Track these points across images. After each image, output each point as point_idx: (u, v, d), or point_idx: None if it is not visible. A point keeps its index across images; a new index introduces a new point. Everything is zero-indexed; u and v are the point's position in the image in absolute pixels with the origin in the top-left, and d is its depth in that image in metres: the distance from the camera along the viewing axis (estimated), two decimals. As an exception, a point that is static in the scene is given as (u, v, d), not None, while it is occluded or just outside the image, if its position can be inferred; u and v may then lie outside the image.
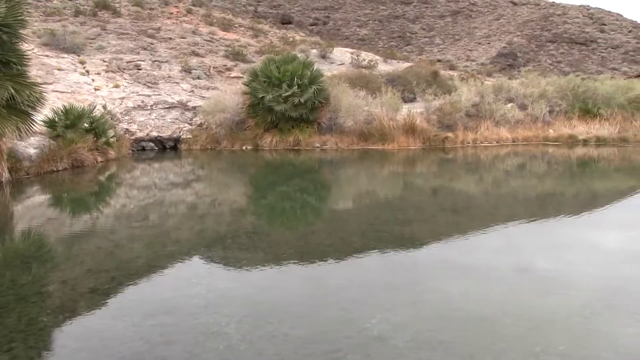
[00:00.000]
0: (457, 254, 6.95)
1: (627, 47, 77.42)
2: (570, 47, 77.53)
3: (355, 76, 21.46)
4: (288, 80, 17.00)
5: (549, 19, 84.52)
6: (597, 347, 4.32)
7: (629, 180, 13.29)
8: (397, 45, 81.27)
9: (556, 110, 20.07)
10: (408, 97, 21.10)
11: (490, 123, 18.22)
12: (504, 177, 13.34)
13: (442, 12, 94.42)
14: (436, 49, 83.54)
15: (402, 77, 23.12)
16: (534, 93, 20.06)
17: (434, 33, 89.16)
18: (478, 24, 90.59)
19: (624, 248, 7.39)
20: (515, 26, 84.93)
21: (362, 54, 32.02)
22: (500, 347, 4.30)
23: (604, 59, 74.99)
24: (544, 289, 5.60)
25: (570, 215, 9.31)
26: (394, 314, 4.86)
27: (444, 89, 20.47)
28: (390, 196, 11.29)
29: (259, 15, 76.00)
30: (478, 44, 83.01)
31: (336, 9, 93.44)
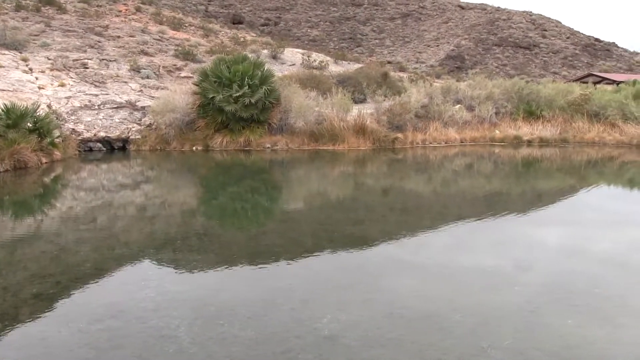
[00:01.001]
0: (407, 252, 7.06)
1: (566, 52, 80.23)
2: (515, 51, 79.76)
3: (306, 77, 21.50)
4: (239, 80, 16.89)
5: (495, 24, 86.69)
6: (540, 340, 4.46)
7: (570, 179, 13.76)
8: (348, 47, 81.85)
9: (502, 111, 20.61)
10: (358, 98, 21.27)
11: (438, 124, 18.56)
12: (452, 177, 13.61)
13: (393, 14, 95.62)
14: (386, 50, 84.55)
15: (352, 78, 23.29)
16: (481, 95, 20.55)
17: (384, 35, 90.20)
18: (427, 27, 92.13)
19: (566, 243, 7.66)
20: (463, 30, 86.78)
21: (313, 55, 32.11)
22: (449, 343, 4.39)
23: (546, 63, 77.45)
24: (491, 285, 5.75)
25: (516, 214, 9.57)
26: (344, 313, 4.90)
27: (393, 90, 20.72)
28: (341, 196, 11.36)
29: (210, 15, 75.26)
30: (427, 47, 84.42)
31: (287, 10, 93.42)
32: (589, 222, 9.10)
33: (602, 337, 4.56)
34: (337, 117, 17.11)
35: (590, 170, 15.14)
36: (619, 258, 6.89)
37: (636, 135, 18.83)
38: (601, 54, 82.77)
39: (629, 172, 14.91)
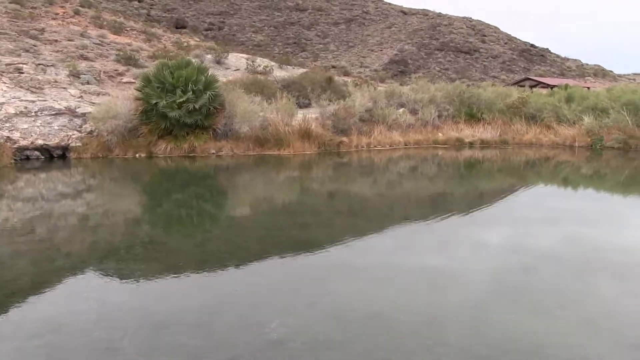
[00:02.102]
0: (354, 255, 7.13)
1: (504, 57, 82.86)
2: (456, 55, 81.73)
3: (250, 82, 21.41)
4: (182, 85, 16.67)
5: (437, 29, 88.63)
6: (483, 335, 4.60)
7: (510, 179, 14.21)
8: (292, 52, 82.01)
9: (444, 114, 21.06)
10: (303, 103, 21.33)
11: (383, 127, 18.80)
12: (397, 179, 13.82)
13: (337, 19, 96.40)
14: (331, 55, 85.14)
15: (297, 83, 23.34)
16: (424, 98, 20.95)
17: (328, 40, 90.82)
18: (371, 32, 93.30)
19: (507, 242, 7.90)
20: (406, 34, 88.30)
21: (258, 60, 32.03)
22: (396, 343, 4.47)
23: (485, 67, 79.71)
24: (436, 285, 5.88)
25: (459, 214, 9.80)
26: (292, 317, 4.91)
27: (338, 94, 20.88)
28: (288, 201, 11.37)
29: (152, 19, 73.96)
30: (371, 51, 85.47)
31: (231, 15, 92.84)
32: (528, 220, 9.41)
33: (540, 329, 4.74)
34: (282, 122, 17.11)
35: (529, 171, 15.66)
36: (556, 253, 7.17)
37: (569, 136, 19.59)
38: (536, 59, 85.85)
39: (564, 171, 15.50)
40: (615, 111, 19.60)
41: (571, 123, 20.39)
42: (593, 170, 15.78)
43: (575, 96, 22.23)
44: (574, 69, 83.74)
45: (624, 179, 14.21)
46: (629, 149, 18.49)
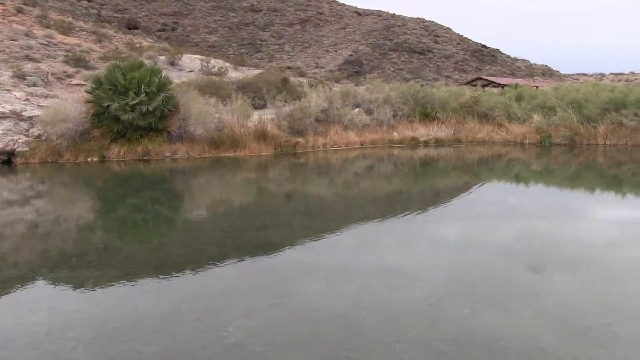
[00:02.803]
0: (313, 255, 7.13)
1: (457, 57, 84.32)
2: (410, 55, 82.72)
3: (205, 83, 21.19)
4: (135, 88, 16.37)
5: (391, 29, 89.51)
6: (441, 330, 4.67)
7: (465, 177, 14.46)
8: (247, 52, 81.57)
9: (399, 114, 21.28)
10: (259, 104, 21.23)
11: (339, 127, 18.87)
12: (354, 179, 13.89)
13: (292, 20, 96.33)
14: (286, 56, 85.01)
15: (252, 84, 23.22)
16: (379, 98, 21.13)
17: (283, 40, 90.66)
18: (326, 33, 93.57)
19: (463, 238, 8.04)
20: (361, 35, 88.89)
21: (212, 61, 31.73)
22: (356, 340, 4.48)
23: (439, 67, 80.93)
24: (395, 283, 5.93)
25: (416, 212, 9.92)
26: (251, 320, 4.88)
27: (293, 95, 20.87)
28: (245, 203, 11.30)
29: (103, 19, 72.41)
30: (326, 52, 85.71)
31: (185, 15, 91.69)
32: (483, 216, 9.60)
33: (496, 322, 4.84)
34: (237, 124, 16.99)
35: (483, 168, 15.97)
36: (510, 248, 7.34)
37: (520, 134, 20.07)
38: (488, 59, 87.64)
39: (515, 168, 15.87)
40: (561, 109, 20.18)
41: (521, 121, 20.90)
42: (543, 166, 16.20)
43: (525, 95, 22.80)
44: (524, 69, 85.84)
45: (571, 174, 14.65)
46: (575, 145, 19.06)
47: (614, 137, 18.88)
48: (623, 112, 19.11)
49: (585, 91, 21.08)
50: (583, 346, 4.42)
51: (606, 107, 19.53)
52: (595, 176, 14.30)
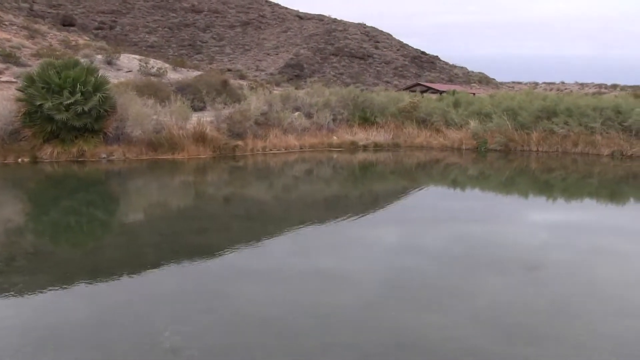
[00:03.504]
0: (251, 259, 7.13)
1: (397, 63, 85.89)
2: (351, 60, 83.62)
3: (143, 84, 20.76)
4: (70, 87, 15.85)
5: (332, 34, 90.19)
6: (376, 333, 4.77)
7: (403, 181, 14.74)
8: (187, 54, 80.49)
9: (339, 118, 21.44)
10: (198, 106, 20.97)
11: (278, 131, 18.84)
12: (293, 182, 13.93)
13: (233, 22, 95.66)
14: (227, 58, 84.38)
15: (192, 86, 22.92)
16: (319, 102, 21.23)
17: (224, 43, 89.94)
18: (267, 36, 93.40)
19: (401, 241, 8.21)
20: (302, 39, 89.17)
21: (151, 62, 31.19)
22: (291, 344, 4.52)
23: (379, 72, 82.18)
24: (329, 286, 6.00)
25: (354, 216, 10.04)
26: (186, 325, 4.83)
27: (233, 98, 20.70)
28: (183, 206, 11.15)
29: (36, 14, 69.90)
30: (267, 55, 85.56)
31: (124, 14, 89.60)
32: (420, 220, 9.82)
33: (428, 324, 4.98)
34: (176, 126, 16.73)
35: (420, 172, 16.33)
36: (446, 251, 7.54)
37: (457, 139, 20.58)
38: (427, 65, 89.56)
39: (452, 173, 16.30)
40: (497, 116, 20.82)
41: (458, 127, 21.43)
42: (479, 171, 16.70)
43: (462, 101, 23.38)
44: (461, 76, 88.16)
45: (505, 180, 15.16)
46: (510, 151, 19.73)
47: (546, 144, 19.64)
48: (554, 120, 19.91)
49: (520, 99, 21.83)
50: (511, 345, 4.60)
51: (539, 115, 20.29)
52: (528, 181, 14.85)
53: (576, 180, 15.05)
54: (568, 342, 4.68)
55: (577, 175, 15.72)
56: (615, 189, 13.70)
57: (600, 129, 19.09)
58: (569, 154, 18.79)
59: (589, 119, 19.39)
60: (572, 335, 4.83)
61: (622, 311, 5.42)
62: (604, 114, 19.41)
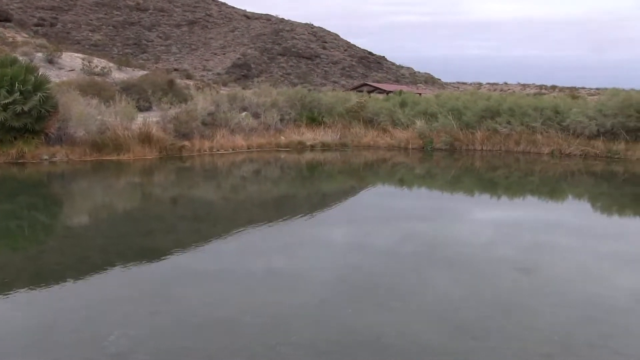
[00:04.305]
0: (199, 260, 7.05)
1: (344, 63, 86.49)
2: (298, 60, 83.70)
3: (87, 83, 20.25)
4: (7, 86, 15.30)
5: (279, 34, 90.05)
6: (325, 331, 4.80)
7: (351, 181, 14.87)
8: (132, 53, 78.83)
9: (286, 118, 21.42)
10: (144, 106, 20.60)
11: (226, 131, 18.67)
12: (241, 183, 13.85)
13: (179, 21, 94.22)
14: (173, 57, 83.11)
15: (137, 86, 22.50)
16: (267, 102, 21.16)
17: (170, 42, 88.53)
18: (214, 35, 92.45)
19: (349, 241, 8.27)
20: (249, 39, 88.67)
21: (95, 61, 30.43)
22: (240, 344, 4.50)
23: (326, 72, 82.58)
24: (280, 286, 6.00)
25: (303, 216, 10.07)
26: (133, 328, 4.74)
27: (180, 97, 20.42)
28: (129, 208, 10.93)
29: (-32, 10, 66.94)
30: (214, 55, 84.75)
31: (65, 10, 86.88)
32: (368, 219, 9.92)
33: (378, 321, 5.03)
34: (121, 126, 16.36)
35: (368, 172, 16.50)
36: (392, 250, 7.66)
37: (403, 139, 20.90)
38: (374, 66, 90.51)
39: (399, 172, 16.55)
40: (442, 116, 21.25)
41: (405, 126, 21.75)
42: (425, 170, 17.01)
43: (409, 101, 23.75)
44: (408, 76, 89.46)
45: (451, 178, 15.49)
46: (455, 150, 20.16)
47: (489, 143, 20.16)
48: (497, 119, 20.47)
49: (465, 99, 22.34)
50: (458, 340, 4.71)
51: (483, 114, 20.82)
52: (473, 180, 15.21)
53: (519, 178, 15.51)
54: (511, 334, 4.82)
55: (520, 174, 16.20)
56: (555, 187, 14.20)
57: (541, 129, 19.75)
58: (512, 152, 19.35)
59: (530, 118, 20.03)
60: (515, 327, 4.99)
61: (563, 303, 5.63)
62: (544, 114, 20.09)
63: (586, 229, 9.71)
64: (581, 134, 19.21)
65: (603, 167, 16.83)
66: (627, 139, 18.45)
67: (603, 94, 22.79)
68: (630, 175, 15.67)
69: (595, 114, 19.20)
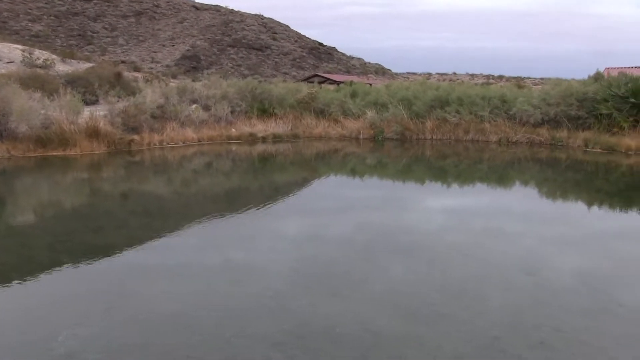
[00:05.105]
0: (152, 255, 6.96)
1: (295, 54, 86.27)
2: (249, 52, 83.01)
3: (28, 76, 19.58)
4: (-57, 80, 14.71)
5: (229, 25, 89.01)
6: (281, 322, 4.82)
7: (303, 172, 14.89)
8: (77, 44, 76.61)
9: (237, 110, 21.24)
10: (90, 100, 20.08)
11: (175, 124, 18.38)
12: (192, 176, 13.69)
13: (125, 11, 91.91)
14: (120, 49, 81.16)
15: (83, 78, 21.90)
16: (217, 95, 20.92)
17: (117, 33, 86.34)
18: (162, 26, 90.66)
19: (302, 232, 8.30)
20: (198, 30, 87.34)
21: (36, 52, 29.44)
22: (196, 339, 4.46)
23: (277, 64, 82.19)
24: (235, 279, 5.97)
25: (256, 208, 10.03)
26: (84, 327, 4.65)
27: (128, 90, 19.99)
28: (78, 204, 10.66)
29: None
30: (162, 46, 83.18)
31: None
32: (320, 210, 9.96)
33: (332, 310, 5.09)
34: (66, 120, 15.89)
35: (320, 163, 16.54)
36: (346, 240, 7.72)
37: (355, 129, 21.04)
38: (324, 56, 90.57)
39: (351, 162, 16.66)
40: (393, 106, 21.48)
41: (356, 117, 21.89)
42: (377, 160, 17.17)
43: (359, 92, 23.90)
44: (358, 67, 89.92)
45: (402, 167, 15.70)
46: (406, 139, 20.42)
47: (439, 132, 20.51)
48: (447, 109, 20.84)
49: (414, 89, 22.63)
50: (410, 325, 4.80)
51: (432, 104, 21.16)
52: (424, 169, 15.46)
53: (468, 166, 15.84)
54: (461, 319, 4.94)
55: (469, 161, 16.55)
56: (502, 174, 14.58)
57: (489, 117, 20.21)
58: (461, 141, 19.74)
59: (478, 107, 20.47)
60: (464, 312, 5.11)
61: (511, 286, 5.80)
62: (491, 103, 20.56)
63: (532, 214, 10.00)
64: (527, 122, 19.75)
65: (547, 154, 17.36)
66: (569, 127, 19.07)
67: (547, 83, 23.45)
68: (572, 161, 16.20)
69: (539, 103, 19.77)
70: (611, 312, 5.18)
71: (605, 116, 18.59)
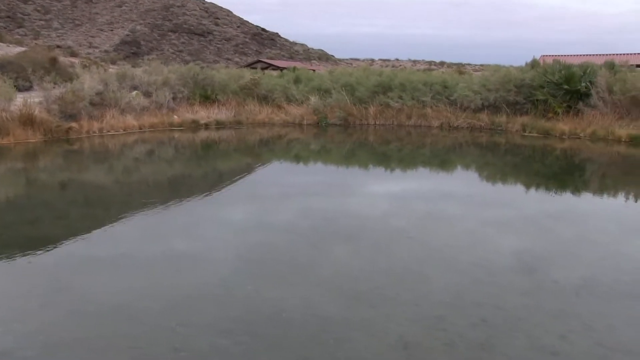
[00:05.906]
0: (94, 247, 6.77)
1: (237, 40, 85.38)
2: (190, 37, 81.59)
3: (-45, 62, 18.64)
4: None
5: (170, 10, 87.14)
6: (227, 309, 4.79)
7: (247, 158, 14.79)
8: (6, 27, 73.39)
9: (179, 97, 20.88)
10: (23, 86, 19.32)
11: (115, 111, 17.90)
12: (134, 164, 13.38)
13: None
14: (55, 33, 78.32)
15: (14, 63, 21.01)
16: (158, 81, 20.48)
17: (51, 16, 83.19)
18: (100, 10, 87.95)
19: (247, 218, 8.25)
20: (138, 14, 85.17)
21: (-37, 37, 27.99)
22: (139, 330, 4.40)
23: (219, 49, 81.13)
24: (180, 268, 5.89)
25: (200, 195, 9.91)
26: (21, 324, 4.49)
27: (64, 76, 19.31)
28: (13, 195, 10.24)
29: None
30: (100, 31, 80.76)
31: None
32: (266, 196, 9.92)
33: (279, 296, 5.09)
34: (-2, 108, 15.26)
35: (264, 149, 16.46)
36: (291, 226, 7.73)
37: (298, 115, 21.04)
38: (267, 42, 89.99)
39: (295, 148, 16.65)
40: (336, 91, 21.58)
41: (299, 103, 21.89)
42: (320, 145, 17.22)
43: (303, 78, 23.88)
44: (301, 53, 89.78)
45: (346, 153, 15.81)
46: (349, 125, 20.56)
47: (382, 117, 20.75)
48: (389, 94, 21.09)
49: (357, 75, 22.79)
50: (356, 308, 4.85)
51: (375, 90, 21.37)
52: (367, 154, 15.60)
53: (411, 151, 16.09)
54: (405, 301, 5.03)
55: (412, 146, 16.81)
56: (444, 158, 14.88)
57: (431, 103, 20.57)
58: (404, 126, 20.03)
59: (421, 93, 20.81)
60: (409, 293, 5.21)
61: (453, 268, 5.94)
62: (433, 88, 20.92)
63: (473, 197, 10.26)
64: (467, 107, 20.21)
65: (487, 138, 17.82)
66: (507, 112, 19.62)
67: (486, 69, 24.04)
68: (511, 145, 16.69)
69: (479, 89, 20.25)
70: (546, 289, 5.39)
71: (541, 102, 19.23)
